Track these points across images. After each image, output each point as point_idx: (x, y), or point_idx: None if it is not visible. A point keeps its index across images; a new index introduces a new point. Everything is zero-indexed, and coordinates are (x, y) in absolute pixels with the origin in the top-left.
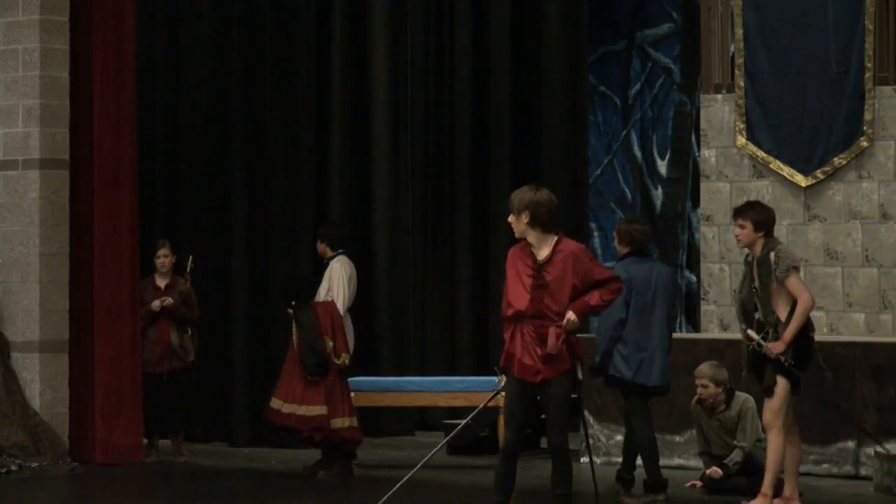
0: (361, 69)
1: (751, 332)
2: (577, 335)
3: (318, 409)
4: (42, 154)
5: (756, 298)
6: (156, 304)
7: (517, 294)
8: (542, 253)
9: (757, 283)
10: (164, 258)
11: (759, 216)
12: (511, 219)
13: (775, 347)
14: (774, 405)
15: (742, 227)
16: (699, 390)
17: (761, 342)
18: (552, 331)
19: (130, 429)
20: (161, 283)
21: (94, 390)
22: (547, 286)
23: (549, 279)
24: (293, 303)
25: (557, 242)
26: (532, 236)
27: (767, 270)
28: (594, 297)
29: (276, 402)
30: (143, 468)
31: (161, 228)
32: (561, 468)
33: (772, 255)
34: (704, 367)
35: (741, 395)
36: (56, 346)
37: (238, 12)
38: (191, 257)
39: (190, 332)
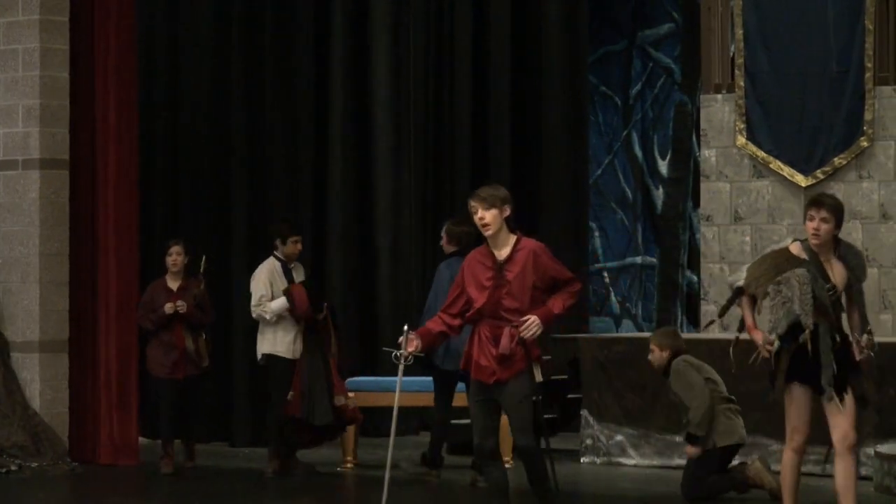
0: (361, 69)
1: (873, 339)
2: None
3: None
4: (42, 154)
5: (829, 302)
6: (169, 307)
7: (475, 294)
8: (503, 252)
9: (845, 282)
10: (176, 256)
11: (841, 212)
12: (485, 213)
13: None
14: (856, 418)
15: (826, 220)
16: (649, 356)
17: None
18: (506, 331)
19: (129, 429)
20: (173, 284)
21: (93, 390)
22: (507, 284)
23: (510, 277)
24: (326, 304)
25: (518, 241)
26: (501, 233)
27: (862, 268)
28: (557, 306)
29: (343, 399)
30: (142, 468)
31: (161, 228)
32: (533, 469)
33: (859, 253)
34: (653, 334)
35: (677, 361)
36: (56, 346)
37: (238, 12)
38: (204, 257)
39: (204, 337)
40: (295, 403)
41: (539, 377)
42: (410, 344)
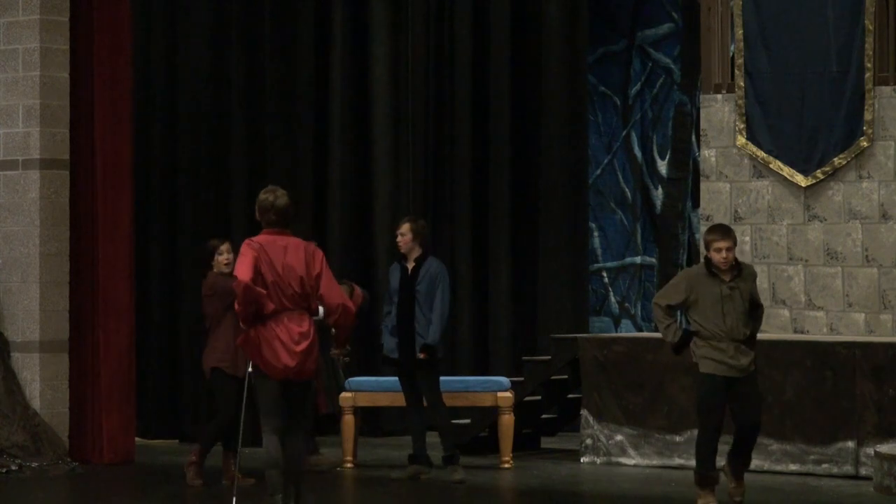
0: (361, 69)
1: None
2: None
3: None
4: (42, 154)
5: None
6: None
7: None
8: None
9: None
10: (227, 255)
11: None
12: None
13: None
14: None
15: None
16: (721, 254)
17: None
18: None
19: (129, 429)
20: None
21: (93, 390)
22: None
23: None
24: None
25: None
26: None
27: None
28: None
29: None
30: (142, 468)
31: (160, 229)
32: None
33: None
34: (720, 230)
35: (744, 262)
36: (56, 346)
37: (238, 12)
38: None
39: None
40: (323, 400)
41: (248, 369)
42: None
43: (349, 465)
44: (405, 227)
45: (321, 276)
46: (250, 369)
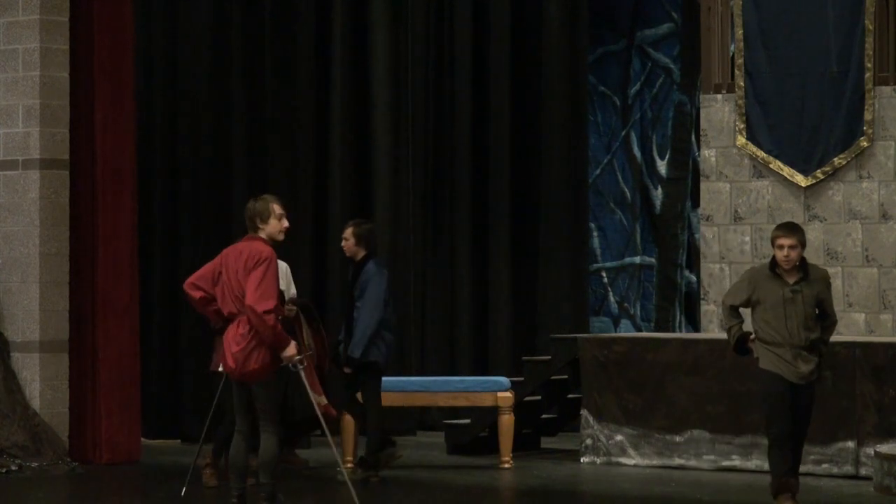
0: (361, 69)
1: None
2: None
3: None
4: (42, 154)
5: None
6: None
7: None
8: None
9: None
10: None
11: None
12: None
13: None
14: None
15: None
16: (783, 252)
17: None
18: None
19: (130, 428)
20: None
21: (94, 390)
22: None
23: None
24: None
25: None
26: None
27: None
28: None
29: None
30: (142, 468)
31: (161, 229)
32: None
33: None
34: (786, 226)
35: (816, 265)
36: (56, 346)
37: (238, 12)
38: None
39: None
40: None
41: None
42: None
43: (349, 465)
44: (348, 232)
45: (250, 276)
46: (221, 368)
